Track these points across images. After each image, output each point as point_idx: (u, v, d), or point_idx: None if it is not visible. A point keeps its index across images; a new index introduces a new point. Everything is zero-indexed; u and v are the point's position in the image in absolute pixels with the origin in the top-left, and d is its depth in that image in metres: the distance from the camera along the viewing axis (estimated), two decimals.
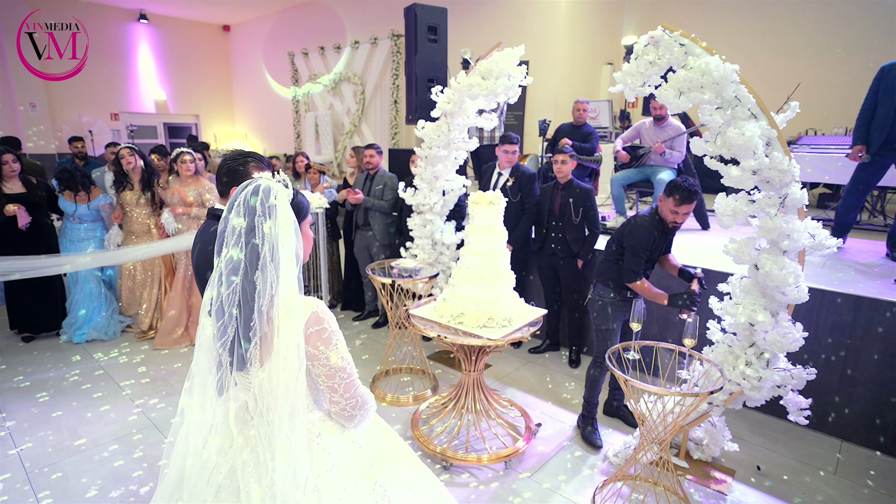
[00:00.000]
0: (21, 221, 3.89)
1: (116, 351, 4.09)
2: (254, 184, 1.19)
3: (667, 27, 2.39)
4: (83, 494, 2.47)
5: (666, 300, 2.60)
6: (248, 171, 1.74)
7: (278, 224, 1.17)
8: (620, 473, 2.54)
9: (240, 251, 1.16)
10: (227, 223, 1.17)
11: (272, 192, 1.18)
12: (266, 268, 1.15)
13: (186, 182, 4.18)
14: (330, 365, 1.22)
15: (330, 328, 1.23)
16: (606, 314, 2.86)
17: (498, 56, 3.29)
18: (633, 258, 2.70)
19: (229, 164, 1.78)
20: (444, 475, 2.65)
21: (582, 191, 3.66)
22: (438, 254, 4.02)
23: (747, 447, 2.90)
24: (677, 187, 2.58)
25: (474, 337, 2.52)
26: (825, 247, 2.27)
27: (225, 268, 1.16)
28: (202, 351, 1.23)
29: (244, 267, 1.16)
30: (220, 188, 1.80)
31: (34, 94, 9.50)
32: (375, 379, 3.65)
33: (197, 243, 1.74)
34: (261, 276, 1.15)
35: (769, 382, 2.41)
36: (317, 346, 1.21)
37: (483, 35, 7.61)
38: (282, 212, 1.18)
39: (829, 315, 2.98)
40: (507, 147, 3.91)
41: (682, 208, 2.60)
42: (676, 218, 2.65)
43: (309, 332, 1.20)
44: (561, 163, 3.63)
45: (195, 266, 1.74)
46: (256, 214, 1.16)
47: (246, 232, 1.16)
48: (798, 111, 2.33)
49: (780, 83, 6.01)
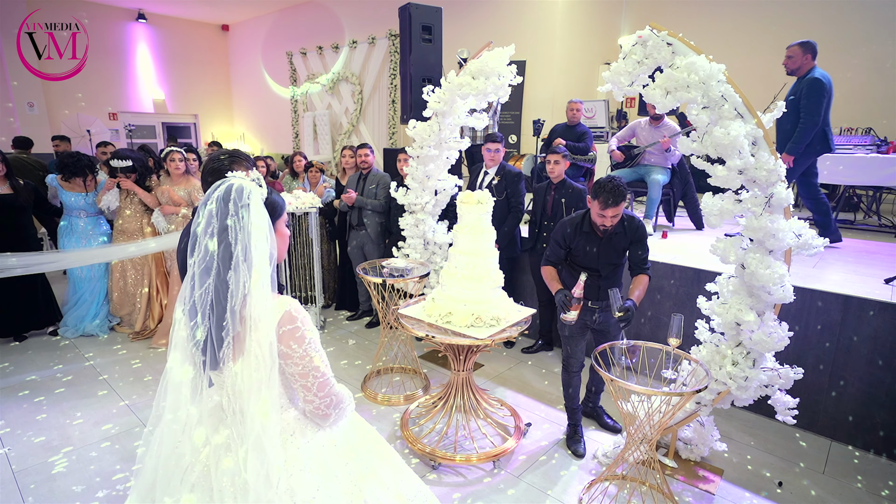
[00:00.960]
0: None
1: (108, 350, 4.10)
2: (226, 183, 1.19)
3: (654, 27, 2.39)
4: (71, 494, 2.47)
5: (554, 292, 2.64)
6: (232, 169, 1.75)
7: (252, 223, 1.18)
8: (608, 473, 2.54)
9: (213, 251, 1.16)
10: (200, 223, 1.17)
11: (245, 192, 1.18)
12: (239, 267, 1.16)
13: (177, 181, 4.18)
14: (303, 364, 1.23)
15: (303, 327, 1.23)
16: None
17: (488, 56, 3.29)
18: (549, 247, 2.79)
19: (213, 163, 1.80)
20: (431, 474, 2.66)
21: (574, 191, 3.66)
22: (430, 253, 4.02)
23: (736, 447, 2.90)
24: (601, 188, 2.44)
25: (462, 336, 2.52)
26: (811, 246, 2.27)
27: (198, 267, 1.16)
28: (177, 350, 1.24)
29: (217, 266, 1.16)
30: (205, 187, 1.81)
31: (32, 94, 9.52)
32: (367, 378, 3.66)
33: (181, 241, 1.75)
34: (233, 276, 1.16)
35: (756, 382, 2.41)
36: (290, 344, 1.21)
37: (479, 35, 7.61)
38: (255, 211, 1.19)
39: (818, 315, 2.98)
40: (490, 145, 3.93)
41: (609, 211, 2.46)
42: (605, 221, 2.51)
43: (282, 331, 1.20)
44: (554, 163, 3.64)
45: (178, 263, 1.75)
46: (229, 214, 1.16)
47: (219, 232, 1.16)
48: (784, 111, 2.32)
49: (780, 82, 6.00)
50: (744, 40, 7.07)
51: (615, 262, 2.68)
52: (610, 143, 5.01)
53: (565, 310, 2.49)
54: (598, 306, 2.73)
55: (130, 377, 3.65)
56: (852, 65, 6.19)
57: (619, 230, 2.62)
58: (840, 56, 6.16)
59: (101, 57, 10.39)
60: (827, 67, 4.12)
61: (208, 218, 1.16)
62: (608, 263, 2.67)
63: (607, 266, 2.68)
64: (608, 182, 2.45)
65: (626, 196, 2.48)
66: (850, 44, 6.27)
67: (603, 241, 2.64)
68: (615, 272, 2.72)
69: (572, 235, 2.68)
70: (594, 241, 2.65)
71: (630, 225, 2.63)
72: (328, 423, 1.32)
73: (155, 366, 3.83)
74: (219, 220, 1.16)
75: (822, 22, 6.47)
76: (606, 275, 2.69)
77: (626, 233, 2.63)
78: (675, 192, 5.04)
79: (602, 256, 2.66)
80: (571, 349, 2.82)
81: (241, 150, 1.96)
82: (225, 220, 1.16)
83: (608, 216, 2.49)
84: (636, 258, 2.64)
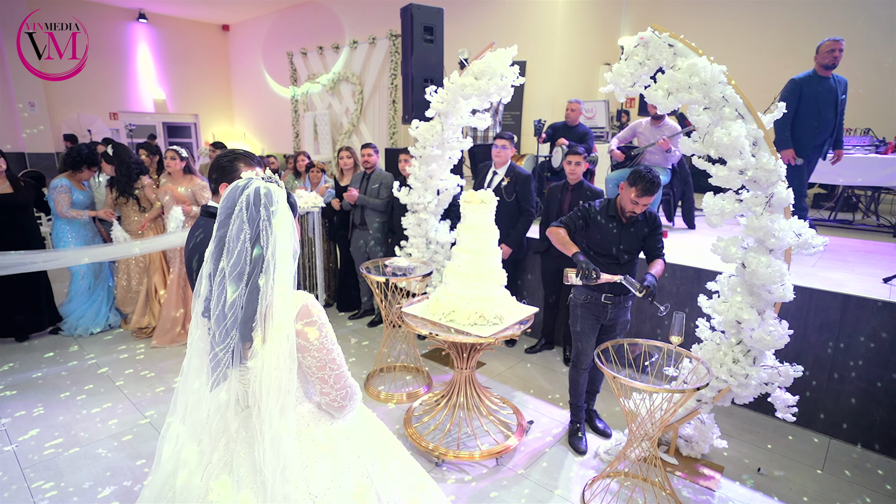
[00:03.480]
0: None
1: (113, 348, 4.12)
2: (252, 186, 1.21)
3: (656, 28, 2.42)
4: (77, 491, 2.50)
5: (570, 253, 2.59)
6: (236, 167, 1.80)
7: (279, 226, 1.21)
8: (610, 470, 2.57)
9: (248, 256, 1.18)
10: (229, 229, 1.19)
11: (273, 196, 1.21)
12: (269, 269, 1.19)
13: (178, 180, 4.18)
14: (320, 356, 1.26)
15: (320, 320, 1.26)
16: (576, 315, 2.86)
17: (490, 56, 3.32)
18: (568, 216, 2.78)
19: (218, 161, 1.84)
20: (435, 471, 2.68)
21: (592, 193, 3.61)
22: (433, 252, 4.05)
23: (736, 444, 2.93)
24: (641, 177, 2.53)
25: (465, 334, 2.55)
26: (811, 245, 2.30)
27: (229, 273, 1.18)
28: (195, 349, 1.26)
29: (249, 271, 1.19)
30: (212, 185, 1.85)
31: (33, 94, 9.53)
32: (370, 377, 3.68)
33: (190, 241, 1.77)
34: (265, 279, 1.19)
35: (756, 379, 2.44)
36: (307, 337, 1.24)
37: (480, 35, 7.63)
38: (282, 214, 1.22)
39: (817, 313, 3.01)
40: (497, 142, 3.89)
41: (643, 199, 2.56)
42: (636, 208, 2.61)
43: (300, 325, 1.23)
44: (575, 164, 3.57)
45: (186, 263, 1.77)
46: (261, 219, 1.19)
47: (252, 239, 1.19)
48: (785, 112, 2.36)
49: (780, 82, 6.03)
50: (743, 40, 7.11)
51: (633, 248, 2.74)
52: (611, 143, 5.03)
53: (587, 278, 2.45)
54: (611, 301, 2.76)
55: (134, 375, 3.67)
56: (851, 65, 6.22)
57: (640, 218, 2.72)
58: (848, 57, 6.19)
59: (101, 57, 10.39)
60: None
61: (239, 224, 1.18)
62: (626, 250, 2.72)
63: (624, 253, 2.72)
64: (648, 172, 2.52)
65: (661, 188, 2.58)
66: (849, 44, 6.28)
67: (625, 226, 2.71)
68: (631, 264, 2.76)
69: (596, 216, 2.74)
70: (616, 225, 2.72)
71: (650, 216, 2.74)
72: (342, 415, 1.35)
73: (159, 364, 3.85)
74: (250, 226, 1.18)
75: (821, 23, 6.50)
76: (624, 263, 2.73)
77: (647, 222, 2.72)
78: (675, 193, 5.07)
79: (623, 241, 2.72)
80: (582, 345, 2.84)
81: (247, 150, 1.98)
82: (257, 226, 1.19)
83: (641, 203, 2.57)
84: (652, 247, 2.72)
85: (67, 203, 4.17)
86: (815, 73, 4.03)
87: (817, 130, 4.05)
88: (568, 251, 2.62)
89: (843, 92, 4.07)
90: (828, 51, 3.94)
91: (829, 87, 4.01)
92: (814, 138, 4.08)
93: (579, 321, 2.83)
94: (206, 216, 1.81)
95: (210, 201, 1.85)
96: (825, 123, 4.04)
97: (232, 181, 1.80)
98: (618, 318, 2.81)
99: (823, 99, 4.00)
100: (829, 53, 3.94)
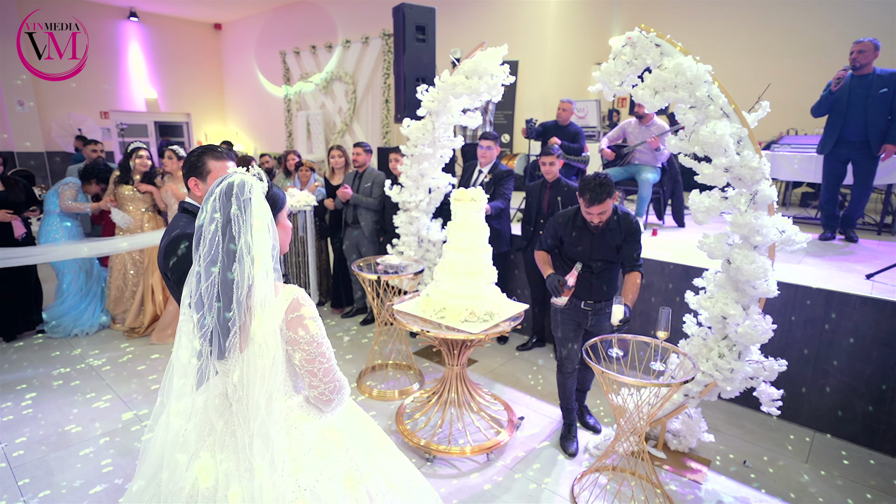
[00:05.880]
0: (17, 232, 3.94)
1: (103, 347, 4.11)
2: (228, 179, 1.24)
3: (644, 28, 2.46)
4: (69, 489, 2.50)
5: (545, 275, 2.64)
6: (203, 161, 1.84)
7: (254, 216, 1.22)
8: (598, 464, 2.61)
9: (218, 244, 1.21)
10: (204, 217, 1.22)
11: (246, 187, 1.23)
12: (243, 260, 1.21)
13: (178, 180, 4.20)
14: (310, 349, 1.28)
15: (310, 314, 1.28)
16: (557, 321, 2.83)
17: (481, 56, 3.34)
18: (544, 235, 2.81)
19: (188, 158, 1.88)
20: (426, 467, 2.71)
21: (570, 189, 3.68)
22: (425, 251, 4.07)
23: (723, 438, 2.98)
24: (586, 186, 2.44)
25: (456, 331, 2.57)
26: (795, 242, 2.34)
27: (203, 260, 1.21)
28: (183, 340, 1.27)
29: (222, 259, 1.21)
30: (185, 180, 1.88)
31: (23, 92, 9.45)
32: (362, 374, 3.70)
33: (165, 235, 1.77)
34: (238, 268, 1.20)
35: (742, 374, 2.48)
36: (297, 331, 1.26)
37: (472, 35, 7.66)
38: (257, 205, 1.23)
39: (801, 309, 3.06)
40: (483, 142, 3.95)
41: (594, 209, 2.47)
42: (591, 218, 2.53)
43: (290, 318, 1.26)
44: (549, 164, 3.65)
45: (159, 255, 1.77)
46: (232, 208, 1.21)
47: (222, 226, 1.21)
48: (769, 111, 2.40)
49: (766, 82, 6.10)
50: (734, 39, 7.18)
51: (608, 258, 2.66)
52: (601, 142, 5.08)
53: (556, 294, 2.51)
54: (591, 309, 2.74)
55: (125, 373, 3.67)
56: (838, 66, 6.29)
57: (613, 226, 2.60)
58: (835, 57, 6.27)
59: (92, 55, 10.24)
60: (821, 69, 4.23)
61: (211, 212, 1.21)
62: (601, 259, 2.65)
63: (599, 262, 2.66)
64: (592, 179, 2.44)
65: (612, 192, 2.45)
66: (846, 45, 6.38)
67: (596, 236, 2.63)
68: (609, 270, 2.69)
69: (564, 229, 2.69)
70: (587, 235, 2.64)
71: (625, 221, 2.61)
72: (330, 408, 1.36)
73: (149, 362, 3.85)
74: (222, 214, 1.21)
75: (815, 23, 6.59)
76: (598, 271, 2.67)
77: (621, 228, 2.61)
78: (664, 191, 5.12)
79: (595, 251, 2.64)
80: (566, 351, 2.82)
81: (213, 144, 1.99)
82: (228, 215, 1.21)
83: (595, 213, 2.49)
84: (629, 256, 2.62)
85: (73, 197, 4.34)
86: (851, 75, 4.12)
87: (845, 129, 4.13)
88: (544, 273, 2.66)
89: (884, 85, 3.98)
90: (849, 53, 4.08)
91: (865, 85, 4.03)
92: (833, 134, 4.20)
93: (560, 327, 2.82)
94: (182, 212, 1.83)
95: (188, 198, 1.86)
96: (851, 121, 4.10)
97: (201, 176, 1.83)
98: (601, 323, 2.77)
99: (856, 98, 4.06)
100: (850, 56, 4.07)
